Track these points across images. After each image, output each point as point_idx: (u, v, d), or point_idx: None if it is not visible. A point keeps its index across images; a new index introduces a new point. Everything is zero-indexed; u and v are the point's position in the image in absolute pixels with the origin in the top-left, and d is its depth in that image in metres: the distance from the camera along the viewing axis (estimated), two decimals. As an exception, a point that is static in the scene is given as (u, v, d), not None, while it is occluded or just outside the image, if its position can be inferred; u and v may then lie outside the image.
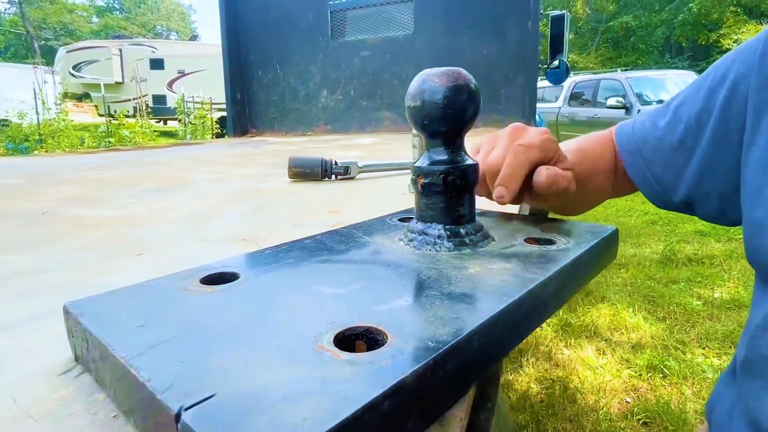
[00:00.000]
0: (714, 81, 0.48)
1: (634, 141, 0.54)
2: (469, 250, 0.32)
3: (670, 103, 0.54)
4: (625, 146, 0.55)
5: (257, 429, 0.14)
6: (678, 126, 0.50)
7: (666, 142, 0.51)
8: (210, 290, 0.27)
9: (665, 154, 0.51)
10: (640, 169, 0.54)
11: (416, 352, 0.19)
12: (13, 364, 0.26)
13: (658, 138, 0.52)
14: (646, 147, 0.53)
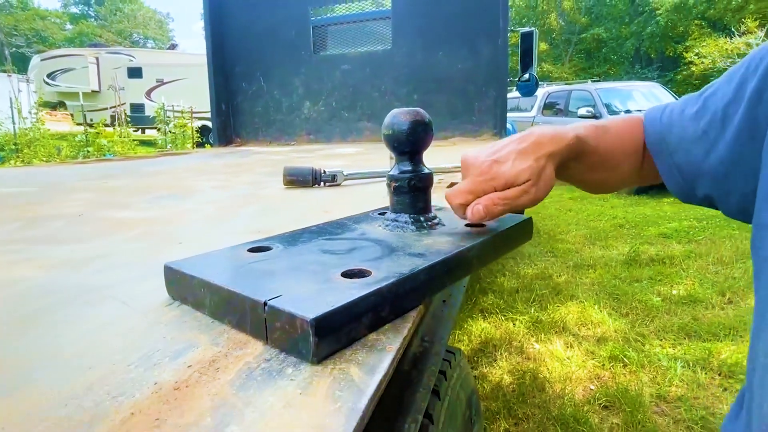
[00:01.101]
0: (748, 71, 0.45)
1: (661, 128, 0.53)
2: (426, 231, 0.47)
3: (703, 92, 0.51)
4: (651, 132, 0.54)
5: (308, 308, 0.29)
6: (705, 115, 0.48)
7: (690, 131, 0.49)
8: (255, 256, 0.41)
9: (688, 143, 0.49)
10: (663, 157, 0.52)
11: (387, 278, 0.33)
12: (132, 303, 0.40)
13: (684, 127, 0.50)
14: (671, 135, 0.51)
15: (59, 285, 0.45)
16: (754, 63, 0.44)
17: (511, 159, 0.43)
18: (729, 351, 2.33)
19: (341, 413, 0.23)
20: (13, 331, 0.35)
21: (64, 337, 0.33)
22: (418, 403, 0.42)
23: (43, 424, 0.23)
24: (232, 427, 0.23)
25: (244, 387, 0.26)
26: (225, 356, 0.30)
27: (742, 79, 0.45)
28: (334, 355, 0.29)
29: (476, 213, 0.42)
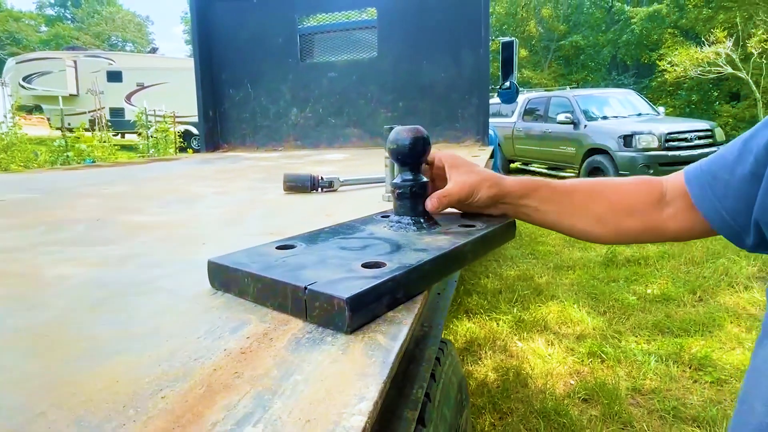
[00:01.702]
0: None
1: (704, 176, 0.53)
2: (425, 231, 0.55)
3: (740, 138, 0.52)
4: (694, 183, 0.54)
5: (342, 290, 0.36)
6: (748, 158, 0.48)
7: (737, 175, 0.49)
8: (284, 252, 0.48)
9: (737, 186, 0.49)
10: (713, 206, 0.52)
11: (400, 268, 0.41)
12: (181, 293, 0.46)
13: (729, 172, 0.50)
14: (716, 182, 0.51)
15: (108, 280, 0.51)
16: None
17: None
18: (699, 346, 2.47)
19: (376, 365, 0.31)
20: (87, 315, 0.41)
21: (134, 319, 0.40)
22: (422, 374, 0.49)
23: (149, 377, 0.30)
24: (296, 376, 0.30)
25: (296, 350, 0.34)
26: (274, 330, 0.37)
27: None
28: (362, 328, 0.37)
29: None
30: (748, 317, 2.79)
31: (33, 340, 0.37)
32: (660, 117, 7.84)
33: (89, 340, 0.36)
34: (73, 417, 0.27)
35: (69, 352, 0.34)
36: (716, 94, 16.76)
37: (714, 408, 1.98)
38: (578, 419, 1.97)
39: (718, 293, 3.16)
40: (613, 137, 6.83)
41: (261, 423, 0.25)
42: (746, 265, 3.53)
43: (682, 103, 17.08)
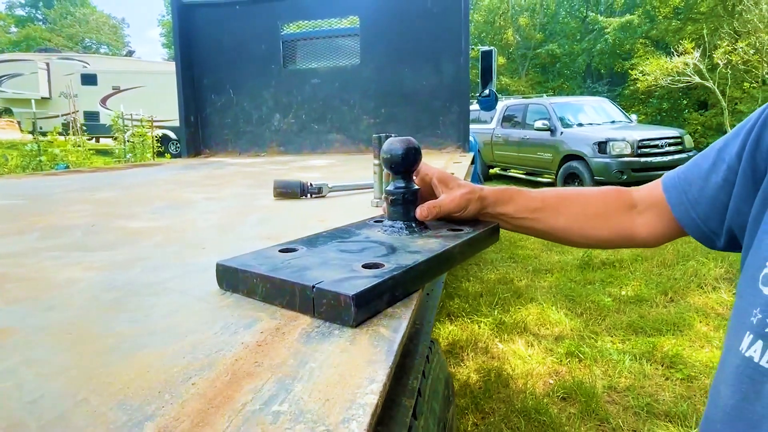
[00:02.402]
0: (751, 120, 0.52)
1: (680, 184, 0.58)
2: (416, 234, 0.60)
3: (714, 146, 0.56)
4: (672, 189, 0.58)
5: (348, 288, 0.40)
6: (721, 166, 0.52)
7: (711, 182, 0.53)
8: (288, 255, 0.52)
9: (711, 194, 0.53)
10: (686, 210, 0.56)
11: (397, 268, 0.45)
12: (191, 293, 0.49)
13: (704, 179, 0.54)
14: (691, 188, 0.56)
15: (118, 282, 0.54)
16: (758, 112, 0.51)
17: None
18: (670, 344, 2.58)
19: (381, 353, 0.35)
20: (106, 314, 0.44)
21: (151, 317, 0.43)
22: (417, 367, 0.53)
23: (177, 367, 0.34)
24: (311, 363, 0.34)
25: (308, 342, 0.37)
26: (285, 325, 0.41)
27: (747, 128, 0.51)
28: (366, 322, 0.41)
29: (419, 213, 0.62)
30: (716, 316, 2.92)
31: (58, 336, 0.40)
32: (633, 124, 8.10)
33: (113, 336, 0.39)
34: (114, 402, 0.30)
35: (97, 346, 0.37)
36: (685, 102, 17.37)
37: (684, 403, 2.07)
38: (557, 417, 2.04)
39: (688, 294, 3.29)
40: (589, 144, 7.03)
41: (286, 402, 0.29)
42: (714, 266, 3.69)
43: (653, 110, 17.64)
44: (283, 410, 0.28)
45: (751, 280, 0.46)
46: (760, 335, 0.44)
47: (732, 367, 0.47)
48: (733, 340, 0.47)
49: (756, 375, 0.44)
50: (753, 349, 0.44)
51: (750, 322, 0.45)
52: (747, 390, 0.44)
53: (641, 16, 19.26)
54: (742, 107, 13.76)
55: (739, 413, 0.45)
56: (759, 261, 0.46)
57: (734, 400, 0.46)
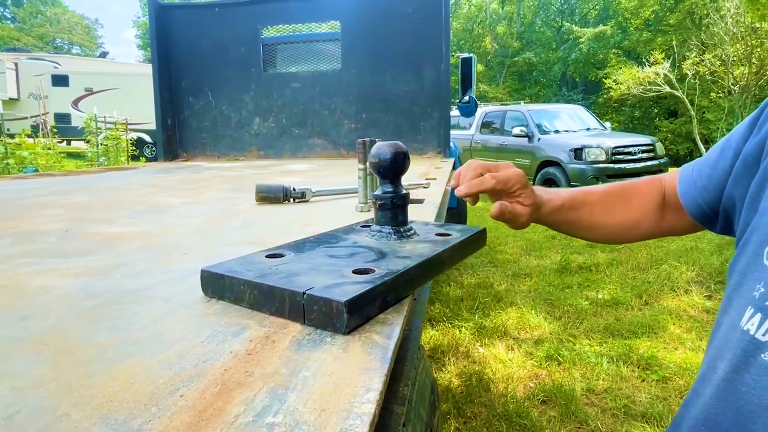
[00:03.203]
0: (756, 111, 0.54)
1: (691, 173, 0.61)
2: (405, 239, 0.59)
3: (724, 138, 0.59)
4: (683, 179, 0.61)
5: (339, 294, 0.39)
6: (728, 153, 0.55)
7: (719, 169, 0.56)
8: (275, 260, 0.51)
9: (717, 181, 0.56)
10: (693, 197, 0.59)
11: (389, 273, 0.45)
12: (175, 301, 0.48)
13: (712, 167, 0.57)
14: (701, 177, 0.58)
15: (97, 289, 0.52)
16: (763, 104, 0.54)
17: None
18: (646, 347, 2.64)
19: (376, 360, 0.34)
20: (85, 323, 0.42)
21: (134, 326, 0.41)
22: (406, 373, 0.53)
23: (163, 378, 0.32)
24: (304, 372, 0.33)
25: (300, 350, 0.36)
26: (275, 333, 0.40)
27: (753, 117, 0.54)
28: (358, 329, 0.40)
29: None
30: (689, 319, 3.01)
31: (35, 347, 0.38)
32: (607, 132, 8.31)
33: (94, 346, 0.37)
34: (98, 416, 0.28)
35: (77, 357, 0.36)
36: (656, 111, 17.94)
37: (660, 404, 2.11)
38: (538, 420, 2.05)
39: (662, 297, 3.38)
40: (565, 150, 7.18)
41: (280, 414, 0.28)
42: (686, 270, 3.80)
43: (625, 118, 18.15)
44: (278, 422, 0.27)
45: (754, 256, 0.47)
46: (761, 308, 0.44)
47: (731, 342, 0.47)
48: (734, 316, 0.48)
49: (750, 347, 0.44)
50: (751, 322, 0.45)
51: (752, 297, 0.46)
52: (739, 362, 0.45)
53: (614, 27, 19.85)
54: (709, 116, 14.29)
55: (728, 385, 0.46)
56: (762, 237, 0.46)
57: (725, 373, 0.46)
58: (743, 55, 12.49)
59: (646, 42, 17.93)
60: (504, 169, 0.61)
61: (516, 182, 0.60)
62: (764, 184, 0.48)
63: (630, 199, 0.67)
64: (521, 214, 0.60)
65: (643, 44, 18.07)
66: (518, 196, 0.60)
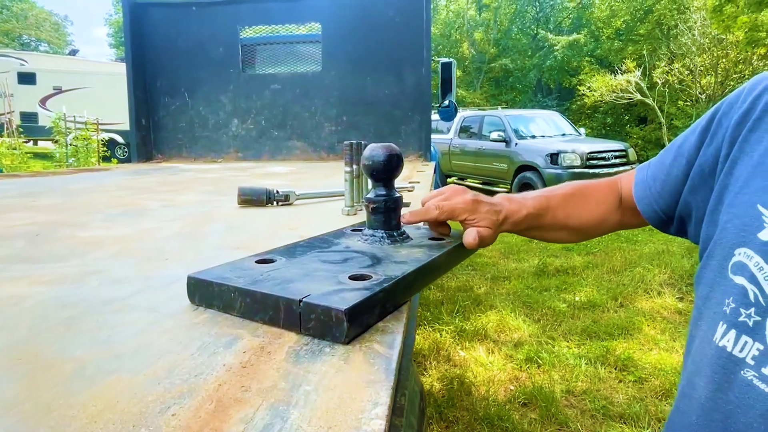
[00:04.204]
0: (705, 118, 0.56)
1: (646, 178, 0.63)
2: (399, 243, 0.58)
3: (675, 142, 0.61)
4: (639, 183, 0.64)
5: (339, 302, 0.37)
6: (681, 160, 0.57)
7: (672, 176, 0.58)
8: (267, 266, 0.48)
9: (671, 188, 0.58)
10: (649, 203, 0.62)
11: (387, 280, 0.43)
12: (159, 310, 0.45)
13: (666, 173, 0.59)
14: (655, 183, 0.61)
15: (72, 298, 0.48)
16: (711, 111, 0.56)
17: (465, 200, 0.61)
18: (622, 348, 2.69)
19: (380, 371, 0.33)
20: (62, 336, 0.39)
21: (116, 338, 0.39)
22: (403, 381, 0.51)
23: (152, 395, 0.30)
24: (305, 386, 0.31)
25: (298, 362, 0.34)
26: (270, 343, 0.37)
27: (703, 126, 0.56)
28: (357, 338, 0.38)
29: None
30: (662, 320, 3.08)
31: (6, 363, 0.34)
32: (581, 137, 8.50)
33: (72, 361, 0.35)
34: (80, 440, 0.26)
35: (54, 374, 0.33)
36: (627, 117, 18.46)
37: (637, 405, 2.15)
38: (519, 423, 2.06)
39: (636, 299, 3.45)
40: (541, 155, 7.30)
41: (284, 432, 0.26)
42: (658, 273, 3.90)
43: (598, 125, 18.62)
44: (282, 442, 0.25)
45: (719, 269, 0.48)
46: (733, 324, 0.45)
47: (706, 358, 0.47)
48: (706, 330, 0.48)
49: (729, 365, 0.45)
50: (726, 338, 0.45)
51: (723, 312, 0.46)
52: (720, 380, 0.45)
53: (587, 35, 20.37)
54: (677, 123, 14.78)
55: (713, 404, 0.46)
56: (725, 250, 0.47)
57: (708, 392, 0.46)
58: (710, 65, 12.99)
59: (618, 51, 18.47)
60: (455, 197, 0.62)
61: (462, 212, 0.60)
62: (722, 197, 0.49)
63: (589, 200, 0.70)
64: (485, 237, 0.60)
65: (614, 53, 18.60)
66: (473, 221, 0.60)
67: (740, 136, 0.49)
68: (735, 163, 0.49)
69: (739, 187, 0.48)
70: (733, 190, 0.48)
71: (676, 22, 14.68)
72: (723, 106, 0.54)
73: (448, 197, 0.61)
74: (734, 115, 0.51)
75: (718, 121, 0.53)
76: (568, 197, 0.69)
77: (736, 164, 0.49)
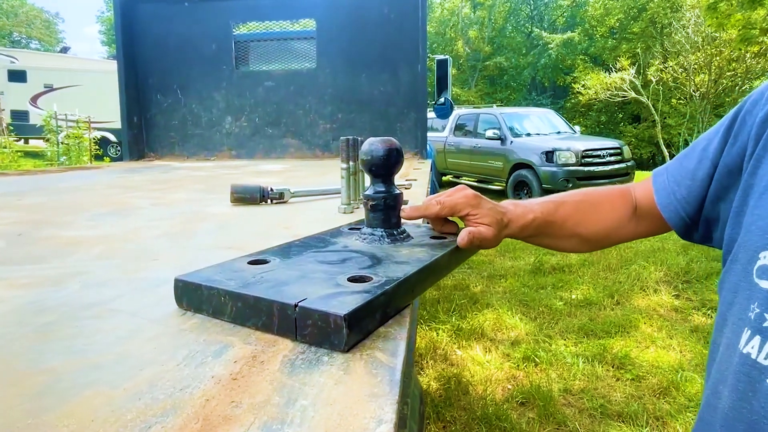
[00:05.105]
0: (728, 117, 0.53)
1: (668, 185, 0.60)
2: (399, 243, 0.55)
3: (696, 145, 0.58)
4: (661, 191, 0.61)
5: (338, 306, 0.34)
6: (705, 163, 0.55)
7: (698, 180, 0.56)
8: (260, 267, 0.45)
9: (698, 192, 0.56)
10: (675, 210, 0.59)
11: (389, 281, 0.40)
12: (144, 315, 0.42)
13: (691, 178, 0.57)
14: (680, 189, 0.58)
15: (50, 303, 0.45)
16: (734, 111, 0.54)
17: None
18: (619, 346, 2.68)
19: (384, 384, 0.30)
20: (36, 344, 0.36)
21: (95, 346, 0.35)
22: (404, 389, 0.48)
23: (131, 413, 0.27)
24: (301, 401, 0.28)
25: (294, 373, 0.31)
26: (263, 352, 0.34)
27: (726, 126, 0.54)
28: (358, 345, 0.35)
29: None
30: (659, 318, 3.07)
31: (-28, 377, 0.31)
32: (576, 135, 8.50)
33: (45, 373, 0.32)
34: (47, 467, 0.23)
35: (24, 388, 0.30)
36: (621, 116, 18.54)
37: (635, 403, 2.14)
38: (517, 423, 2.04)
39: (633, 297, 3.45)
40: (537, 153, 7.30)
41: (278, 456, 0.23)
42: (654, 270, 3.90)
43: (592, 123, 18.68)
44: (276, 468, 0.22)
45: (744, 274, 0.46)
46: (758, 330, 0.43)
47: (731, 366, 0.46)
48: (731, 337, 0.47)
49: (753, 372, 0.43)
50: (750, 345, 0.43)
51: (748, 318, 0.44)
52: (745, 389, 0.43)
53: (581, 34, 20.40)
54: (670, 121, 14.85)
55: (737, 414, 0.44)
56: (749, 254, 0.45)
57: (732, 401, 0.45)
58: (703, 63, 13.04)
59: (612, 49, 18.52)
60: (456, 193, 0.59)
61: (464, 206, 0.57)
62: (746, 198, 0.48)
63: (601, 207, 0.67)
64: (487, 237, 0.57)
65: (608, 51, 18.66)
66: (475, 217, 0.57)
67: (765, 133, 0.47)
68: (759, 162, 0.47)
69: (763, 187, 0.46)
70: (758, 191, 0.46)
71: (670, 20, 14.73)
72: (746, 104, 0.52)
73: (450, 194, 0.59)
74: (759, 112, 0.49)
75: (742, 119, 0.51)
76: (578, 203, 0.66)
77: (761, 163, 0.47)
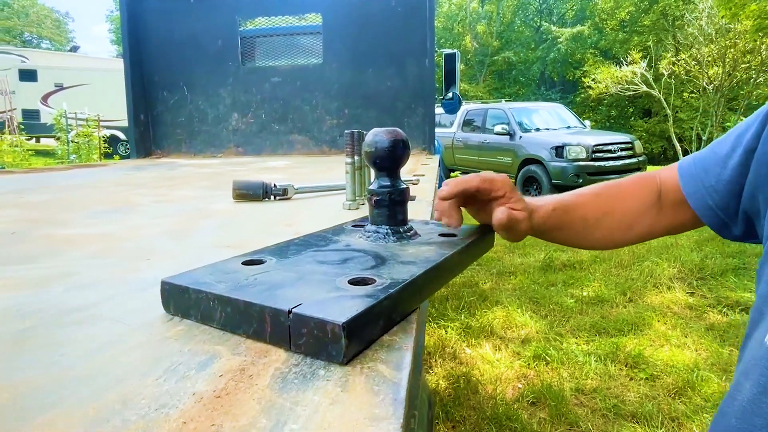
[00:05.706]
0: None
1: (696, 171, 0.55)
2: (405, 241, 0.51)
3: (732, 132, 0.54)
4: (687, 177, 0.56)
5: (336, 313, 0.31)
6: (738, 150, 0.50)
7: (729, 167, 0.51)
8: (254, 268, 0.42)
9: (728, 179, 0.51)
10: (702, 197, 0.54)
11: (393, 284, 0.37)
12: (128, 321, 0.39)
13: (721, 165, 0.52)
14: (708, 176, 0.53)
15: (30, 307, 0.42)
16: None
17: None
18: (632, 344, 2.62)
19: (386, 404, 0.26)
20: (7, 354, 0.33)
21: (70, 356, 0.32)
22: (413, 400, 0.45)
23: (96, 439, 0.23)
24: (290, 425, 0.24)
25: (285, 390, 0.28)
26: (252, 364, 0.31)
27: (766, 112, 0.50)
28: (358, 356, 0.32)
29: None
30: (673, 315, 3.01)
31: (-72, 393, 0.28)
32: (587, 130, 8.39)
33: (9, 389, 0.28)
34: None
35: (-19, 408, 0.26)
36: (631, 110, 18.28)
37: (650, 404, 2.09)
38: (528, 423, 2.00)
39: (645, 294, 3.38)
40: (546, 148, 7.21)
41: (259, 496, 0.20)
42: (668, 267, 3.82)
43: (602, 117, 18.45)
44: None
45: None
46: None
47: (755, 360, 0.44)
48: (762, 331, 0.44)
49: None
50: None
51: None
52: (766, 383, 0.41)
53: (591, 27, 20.13)
54: (682, 115, 14.61)
55: (755, 408, 0.42)
56: None
57: (752, 394, 0.43)
58: (717, 55, 12.80)
59: (622, 42, 18.25)
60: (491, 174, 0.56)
61: (503, 185, 0.54)
62: None
63: (623, 198, 0.62)
64: (520, 220, 0.54)
65: (619, 44, 18.38)
66: (509, 200, 0.54)
67: None
68: None
69: None
70: None
71: (683, 12, 14.47)
72: None
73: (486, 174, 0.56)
74: None
75: None
76: (599, 189, 0.62)
77: None
